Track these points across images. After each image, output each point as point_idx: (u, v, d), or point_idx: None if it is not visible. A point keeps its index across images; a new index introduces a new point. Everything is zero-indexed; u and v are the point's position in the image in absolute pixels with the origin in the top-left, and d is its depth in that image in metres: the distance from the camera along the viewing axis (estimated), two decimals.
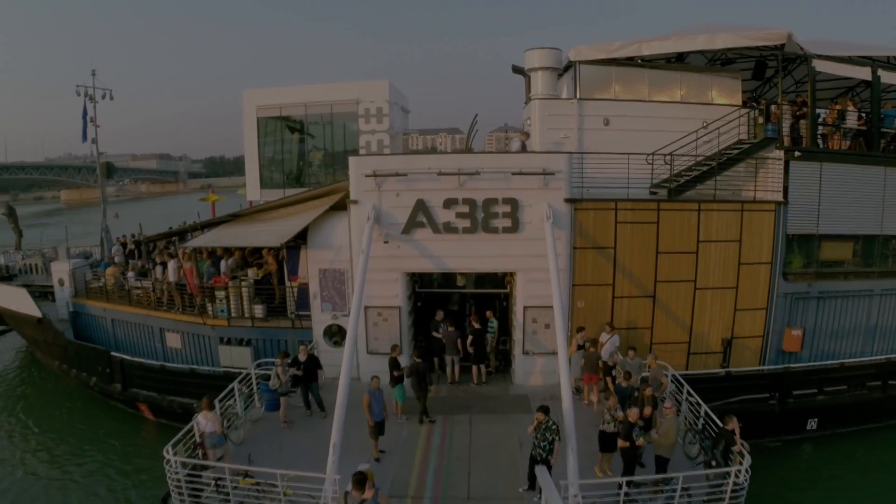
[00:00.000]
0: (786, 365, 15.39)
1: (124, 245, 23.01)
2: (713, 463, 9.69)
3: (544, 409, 9.40)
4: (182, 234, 21.32)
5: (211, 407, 10.26)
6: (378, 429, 10.78)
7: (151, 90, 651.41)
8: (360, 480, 7.30)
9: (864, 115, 17.57)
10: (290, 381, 12.41)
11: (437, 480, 10.36)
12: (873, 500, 13.43)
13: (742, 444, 9.70)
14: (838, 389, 15.94)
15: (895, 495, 13.62)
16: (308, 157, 21.84)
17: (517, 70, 18.21)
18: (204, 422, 10.03)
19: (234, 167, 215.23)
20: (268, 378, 12.77)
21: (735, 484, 9.32)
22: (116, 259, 21.68)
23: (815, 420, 15.86)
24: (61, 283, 20.66)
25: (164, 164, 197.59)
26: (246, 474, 9.48)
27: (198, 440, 10.17)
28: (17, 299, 20.72)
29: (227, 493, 9.47)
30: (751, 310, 15.16)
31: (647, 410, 9.80)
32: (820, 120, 17.61)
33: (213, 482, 9.63)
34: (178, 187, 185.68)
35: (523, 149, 15.25)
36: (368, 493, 7.27)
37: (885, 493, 13.66)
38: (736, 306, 15.02)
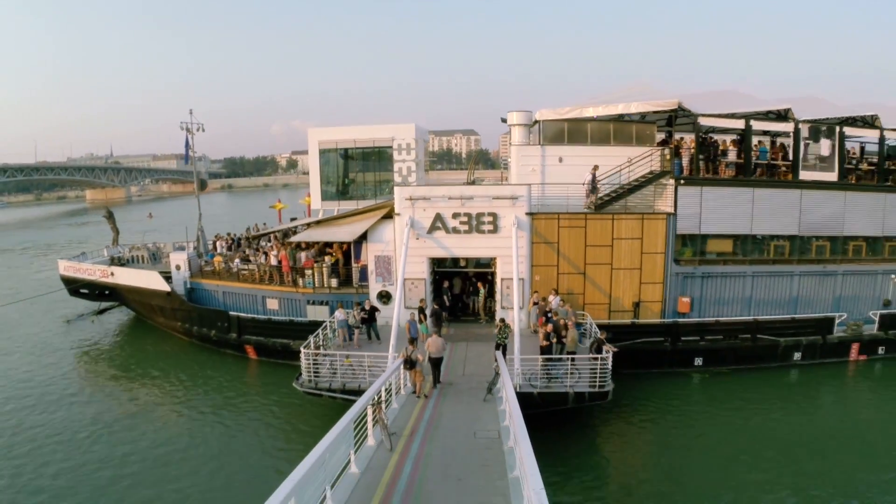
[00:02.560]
0: (675, 319, 24.52)
1: (218, 241, 32.85)
2: (590, 353, 18.94)
3: (502, 319, 18.83)
4: (267, 233, 31.04)
5: (343, 308, 20.74)
6: (413, 343, 20.10)
7: (168, 91, 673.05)
8: (413, 339, 16.69)
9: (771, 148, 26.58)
10: (360, 321, 21.91)
11: (447, 369, 19.67)
12: (742, 412, 21.21)
13: (609, 346, 18.85)
14: (716, 338, 24.96)
15: (759, 409, 21.52)
16: (354, 177, 31.47)
17: (503, 120, 27.59)
18: (339, 313, 20.13)
19: (254, 167, 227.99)
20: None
21: (602, 366, 18.48)
22: (218, 251, 31.44)
23: (701, 358, 24.88)
24: (178, 267, 30.30)
25: (184, 164, 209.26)
26: (347, 357, 18.96)
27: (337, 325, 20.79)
28: (150, 279, 30.41)
29: (336, 369, 18.96)
30: (651, 283, 24.37)
31: (549, 327, 18.99)
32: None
33: (328, 362, 19.13)
34: None
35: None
36: (416, 348, 16.64)
37: (751, 410, 21.49)
38: (641, 281, 24.26)
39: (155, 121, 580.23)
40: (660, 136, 27.98)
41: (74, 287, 36.06)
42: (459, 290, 26.05)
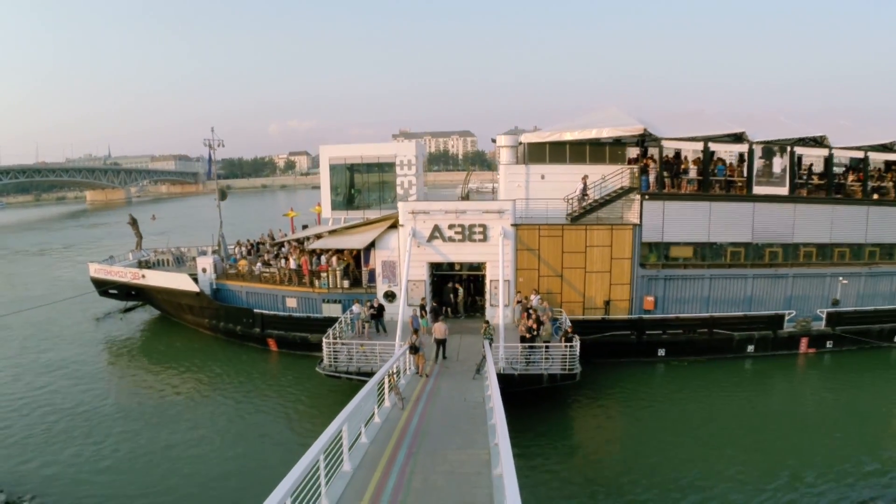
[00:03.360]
0: (639, 315, 28.88)
1: (239, 246, 37.15)
2: (562, 342, 23.31)
3: (486, 321, 23.22)
4: (286, 240, 35.34)
5: (359, 303, 24.97)
6: (416, 333, 24.41)
7: (165, 91, 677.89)
8: (416, 330, 21.02)
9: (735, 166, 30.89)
10: (370, 316, 26.23)
11: (448, 349, 23.95)
12: (700, 396, 25.46)
13: (574, 335, 23.16)
14: (677, 332, 29.30)
15: (716, 393, 25.70)
16: (359, 189, 35.75)
17: (493, 141, 32.00)
18: (356, 307, 24.35)
19: (252, 168, 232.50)
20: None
21: (571, 352, 22.80)
22: (239, 256, 35.75)
23: (664, 350, 29.24)
24: (204, 270, 34.52)
25: (183, 164, 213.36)
26: (362, 345, 23.29)
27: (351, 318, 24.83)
28: (180, 281, 34.65)
29: (352, 356, 23.29)
30: (620, 284, 28.74)
31: (529, 322, 23.32)
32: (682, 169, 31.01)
33: (345, 350, 23.46)
34: (198, 188, 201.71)
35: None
36: (419, 337, 20.95)
37: (708, 393, 25.70)
38: (610, 282, 28.62)
39: (152, 121, 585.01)
40: (637, 151, 32.35)
41: (104, 288, 40.27)
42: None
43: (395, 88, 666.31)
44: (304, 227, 39.42)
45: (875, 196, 32.68)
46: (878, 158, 33.36)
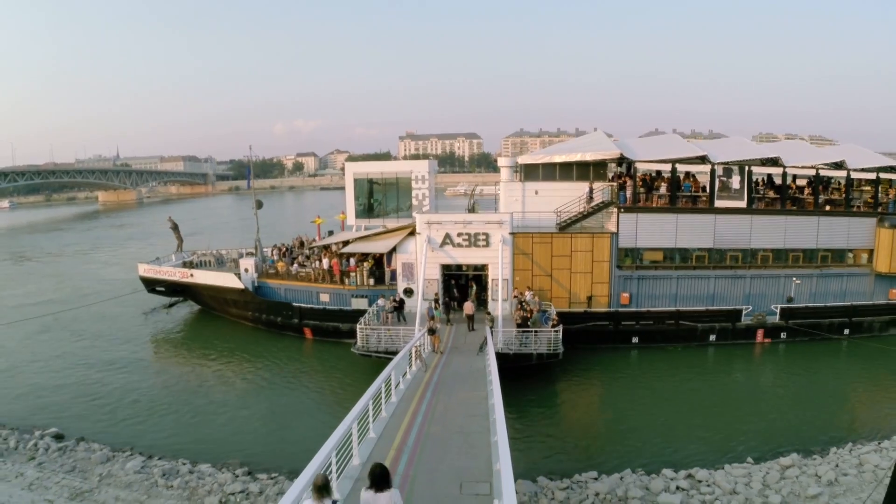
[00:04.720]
0: (616, 309, 35.35)
1: (278, 248, 43.80)
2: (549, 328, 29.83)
3: (488, 312, 29.85)
4: (317, 245, 42.00)
5: (384, 297, 31.53)
6: (432, 320, 30.86)
7: (172, 92, 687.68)
8: (432, 318, 27.55)
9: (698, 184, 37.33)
10: (392, 308, 32.78)
11: (455, 339, 30.46)
12: (667, 374, 31.83)
13: (559, 323, 29.62)
14: (647, 323, 35.72)
15: (681, 372, 32.06)
16: (380, 200, 42.33)
17: (494, 160, 38.44)
18: (381, 301, 30.85)
19: (261, 170, 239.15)
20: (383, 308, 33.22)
21: (554, 336, 29.27)
22: (275, 257, 42.39)
23: (637, 338, 35.66)
24: (247, 270, 41.05)
25: (191, 165, 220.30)
26: (388, 330, 29.85)
27: (378, 309, 31.26)
28: (226, 279, 41.18)
29: (380, 339, 29.85)
30: (600, 283, 35.23)
31: (521, 312, 29.83)
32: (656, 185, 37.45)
33: (375, 334, 30.02)
34: (207, 189, 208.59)
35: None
36: (433, 322, 27.49)
37: (674, 373, 32.00)
38: (592, 281, 35.12)
39: (159, 122, 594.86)
40: (618, 169, 38.86)
41: (152, 286, 46.82)
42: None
43: (401, 89, 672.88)
44: (330, 232, 45.96)
45: (828, 207, 38.91)
46: (835, 175, 39.46)
